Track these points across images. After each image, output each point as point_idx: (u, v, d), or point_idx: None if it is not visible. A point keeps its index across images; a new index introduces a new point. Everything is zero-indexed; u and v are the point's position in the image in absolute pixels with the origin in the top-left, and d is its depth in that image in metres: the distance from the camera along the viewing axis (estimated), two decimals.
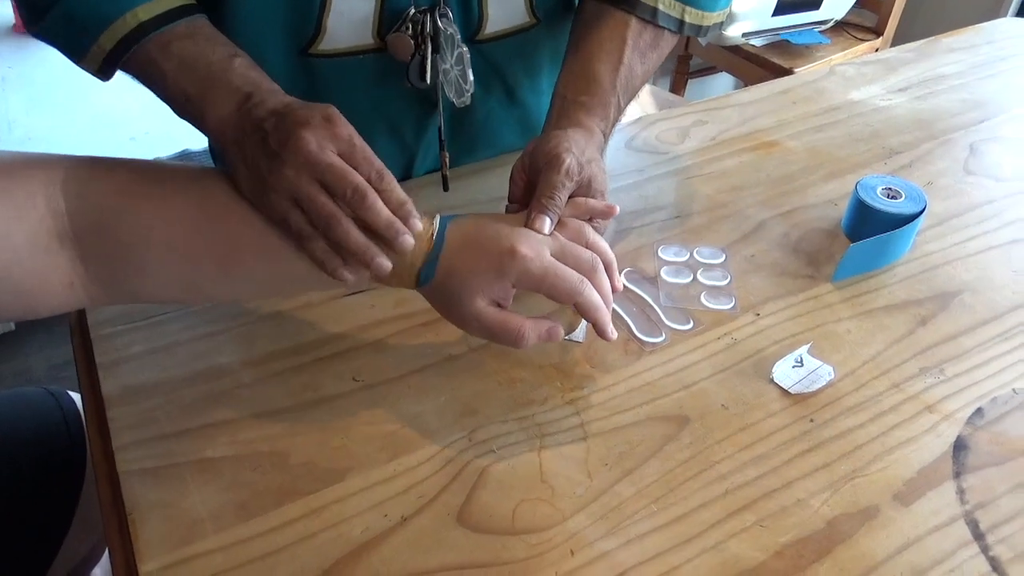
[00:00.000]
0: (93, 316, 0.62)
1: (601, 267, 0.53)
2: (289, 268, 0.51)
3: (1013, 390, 0.58)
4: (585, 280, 0.51)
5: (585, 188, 0.57)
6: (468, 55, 0.69)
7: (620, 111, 0.67)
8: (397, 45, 0.67)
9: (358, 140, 0.48)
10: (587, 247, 0.54)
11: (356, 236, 0.48)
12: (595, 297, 0.51)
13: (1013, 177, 0.82)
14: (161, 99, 0.56)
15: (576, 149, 0.57)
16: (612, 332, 0.53)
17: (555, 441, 0.53)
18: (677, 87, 2.25)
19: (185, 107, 0.54)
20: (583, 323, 0.62)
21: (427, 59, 0.67)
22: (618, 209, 0.57)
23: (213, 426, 0.54)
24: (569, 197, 0.56)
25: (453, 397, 0.56)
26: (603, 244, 0.55)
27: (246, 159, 0.49)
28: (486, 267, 0.50)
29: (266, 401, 0.56)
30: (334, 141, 0.47)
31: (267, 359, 0.59)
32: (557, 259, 0.51)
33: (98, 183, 0.48)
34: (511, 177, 0.60)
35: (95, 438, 0.55)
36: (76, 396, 0.78)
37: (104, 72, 0.57)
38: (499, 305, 0.52)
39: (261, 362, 0.59)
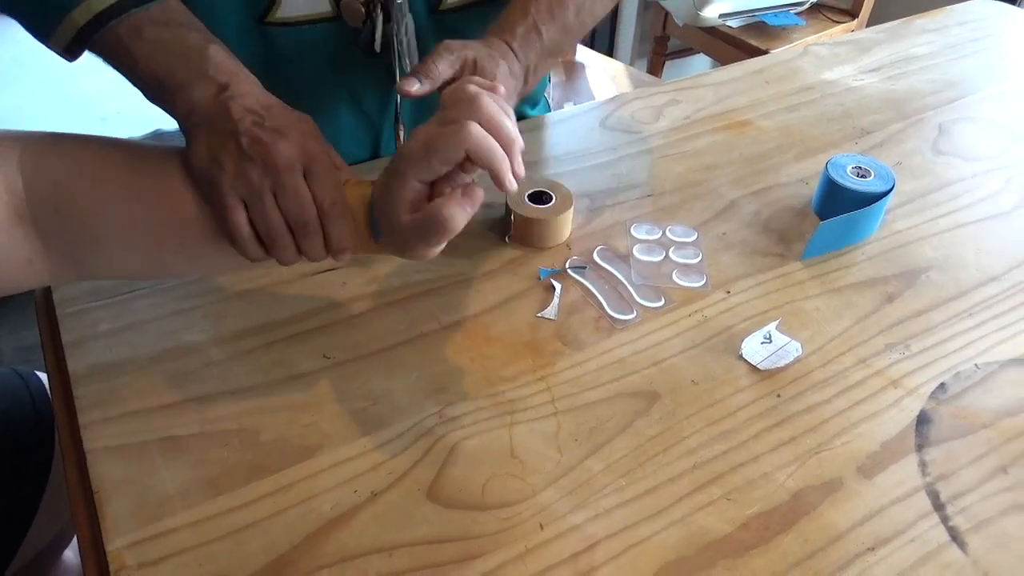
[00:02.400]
0: (59, 293, 0.61)
1: (485, 95, 0.46)
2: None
3: (975, 365, 0.59)
4: (472, 121, 0.44)
5: (472, 73, 0.56)
6: (412, 25, 0.68)
7: (540, 34, 0.62)
8: (349, 11, 0.67)
9: (324, 161, 0.48)
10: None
11: (291, 256, 0.50)
12: (483, 135, 0.44)
13: (981, 157, 0.83)
14: (129, 80, 0.54)
15: (459, 41, 0.57)
16: (511, 183, 0.45)
17: (526, 417, 0.54)
18: (655, 69, 2.24)
19: (155, 90, 0.52)
20: (555, 300, 0.62)
21: (377, 27, 0.66)
22: (503, 89, 0.50)
23: (182, 404, 0.54)
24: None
25: (424, 374, 0.56)
26: (484, 83, 0.49)
27: (210, 145, 0.48)
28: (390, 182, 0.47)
29: (236, 379, 0.56)
30: (304, 160, 0.47)
31: (237, 336, 0.59)
32: (436, 115, 0.47)
33: (54, 161, 0.47)
34: None
35: (62, 416, 0.54)
36: (44, 377, 0.77)
37: (71, 51, 0.55)
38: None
39: (231, 340, 0.58)
